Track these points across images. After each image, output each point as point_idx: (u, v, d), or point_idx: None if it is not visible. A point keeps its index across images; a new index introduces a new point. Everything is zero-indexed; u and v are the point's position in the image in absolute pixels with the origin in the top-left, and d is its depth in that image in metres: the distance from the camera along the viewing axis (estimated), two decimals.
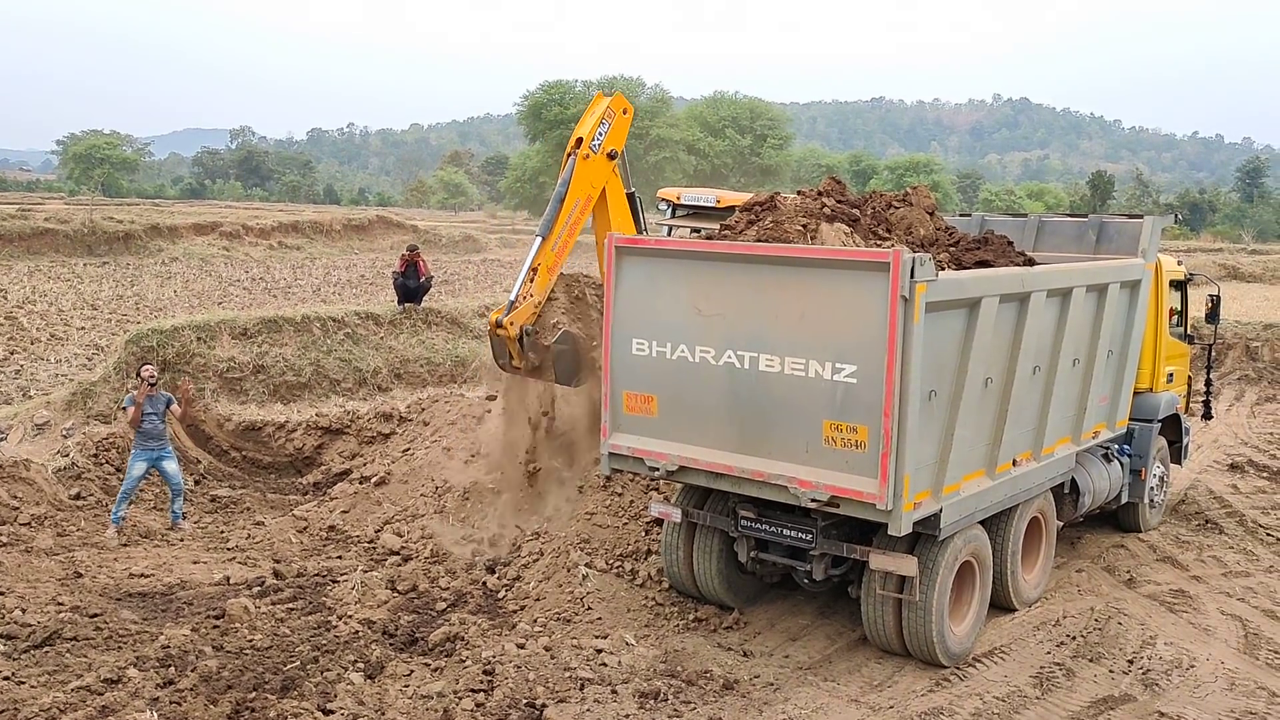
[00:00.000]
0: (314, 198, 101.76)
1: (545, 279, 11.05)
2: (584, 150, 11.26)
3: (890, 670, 8.41)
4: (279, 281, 33.05)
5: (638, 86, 79.10)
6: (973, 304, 7.92)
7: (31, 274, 32.22)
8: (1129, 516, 12.01)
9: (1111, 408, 10.73)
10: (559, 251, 11.10)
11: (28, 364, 19.37)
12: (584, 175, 11.30)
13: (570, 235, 11.16)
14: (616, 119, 11.56)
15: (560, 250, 11.10)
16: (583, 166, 11.27)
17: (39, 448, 13.18)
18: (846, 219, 8.89)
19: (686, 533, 9.33)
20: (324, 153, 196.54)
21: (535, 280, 11.00)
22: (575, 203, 11.19)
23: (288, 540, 11.45)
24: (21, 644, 8.24)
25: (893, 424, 7.27)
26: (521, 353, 10.86)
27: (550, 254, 11.05)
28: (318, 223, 49.52)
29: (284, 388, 16.01)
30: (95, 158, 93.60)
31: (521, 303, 10.88)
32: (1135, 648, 8.85)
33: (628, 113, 11.79)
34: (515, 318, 10.81)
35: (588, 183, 11.33)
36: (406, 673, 7.88)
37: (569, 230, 11.14)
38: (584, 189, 11.31)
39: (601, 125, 11.36)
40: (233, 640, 8.42)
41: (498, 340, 11.00)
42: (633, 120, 12.17)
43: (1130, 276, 10.39)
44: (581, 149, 11.28)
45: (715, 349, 8.11)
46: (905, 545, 8.12)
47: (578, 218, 11.24)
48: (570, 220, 11.15)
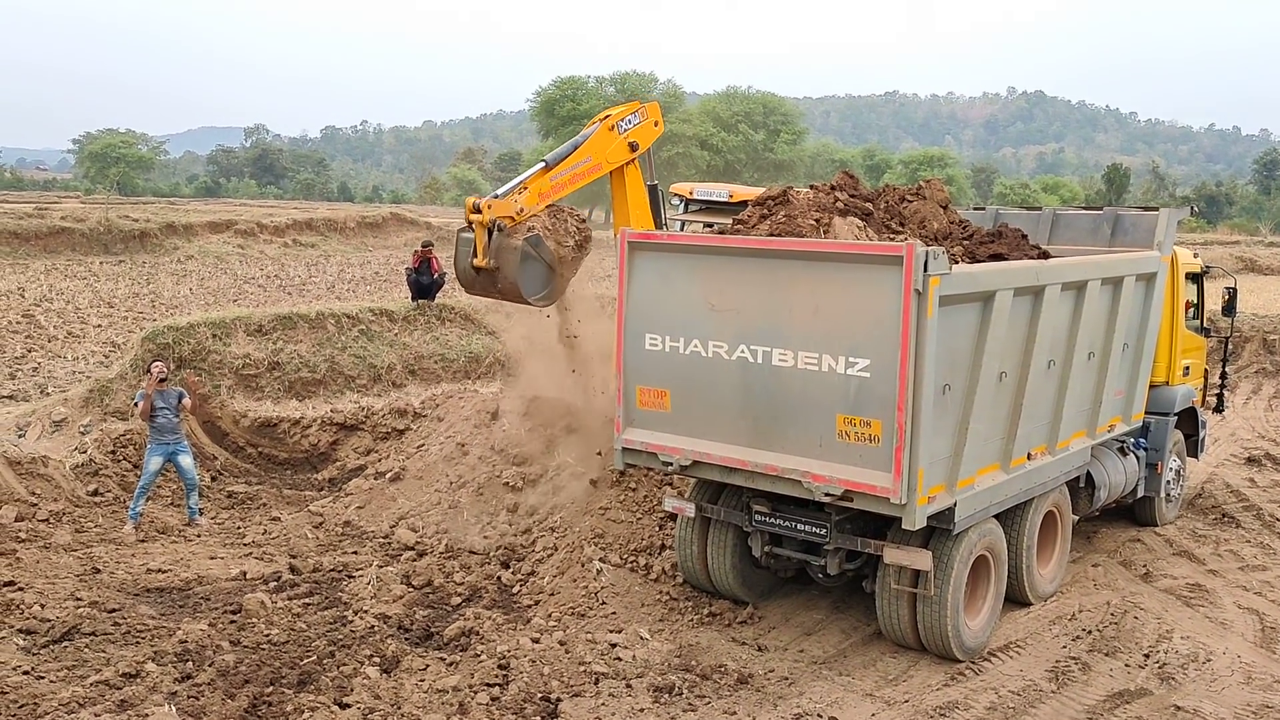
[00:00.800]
0: (328, 195, 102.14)
1: (533, 200, 10.90)
2: (609, 123, 11.38)
3: (905, 664, 8.40)
4: (293, 279, 33.17)
5: (650, 82, 79.01)
6: (987, 297, 7.90)
7: (48, 272, 32.43)
8: (1145, 510, 11.96)
9: (1127, 401, 10.69)
10: (554, 187, 11.04)
11: (45, 361, 19.50)
12: (601, 142, 11.40)
13: (569, 182, 11.16)
14: (647, 120, 11.77)
15: (556, 186, 11.05)
16: (604, 134, 11.39)
17: (57, 444, 13.27)
18: (860, 213, 8.88)
19: (700, 527, 9.34)
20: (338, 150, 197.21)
21: (524, 196, 10.84)
22: (585, 158, 11.25)
23: (303, 536, 11.50)
24: (40, 639, 8.31)
25: (906, 418, 7.26)
26: (487, 248, 10.58)
27: (546, 182, 10.99)
28: (332, 220, 49.67)
29: (299, 384, 16.06)
30: (111, 156, 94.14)
31: (505, 199, 10.77)
32: (1151, 642, 8.82)
33: (658, 125, 11.99)
34: (495, 206, 10.61)
35: (602, 150, 11.42)
36: (422, 667, 7.92)
37: (570, 177, 11.15)
38: (597, 152, 11.39)
39: (633, 116, 11.55)
40: (250, 635, 8.47)
41: (465, 239, 10.78)
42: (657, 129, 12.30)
43: (1146, 269, 10.34)
44: (607, 121, 11.43)
45: (728, 344, 8.11)
46: (920, 539, 8.11)
47: (582, 173, 11.28)
48: (574, 169, 11.18)
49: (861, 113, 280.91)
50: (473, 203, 10.64)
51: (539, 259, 10.77)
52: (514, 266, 10.58)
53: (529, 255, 10.67)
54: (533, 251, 10.69)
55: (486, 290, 11.08)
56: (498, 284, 10.80)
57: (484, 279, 10.83)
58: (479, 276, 10.84)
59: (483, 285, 11.01)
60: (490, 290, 11.03)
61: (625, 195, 11.99)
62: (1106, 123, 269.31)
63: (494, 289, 10.95)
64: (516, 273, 10.59)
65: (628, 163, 11.97)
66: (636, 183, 12.00)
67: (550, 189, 11.00)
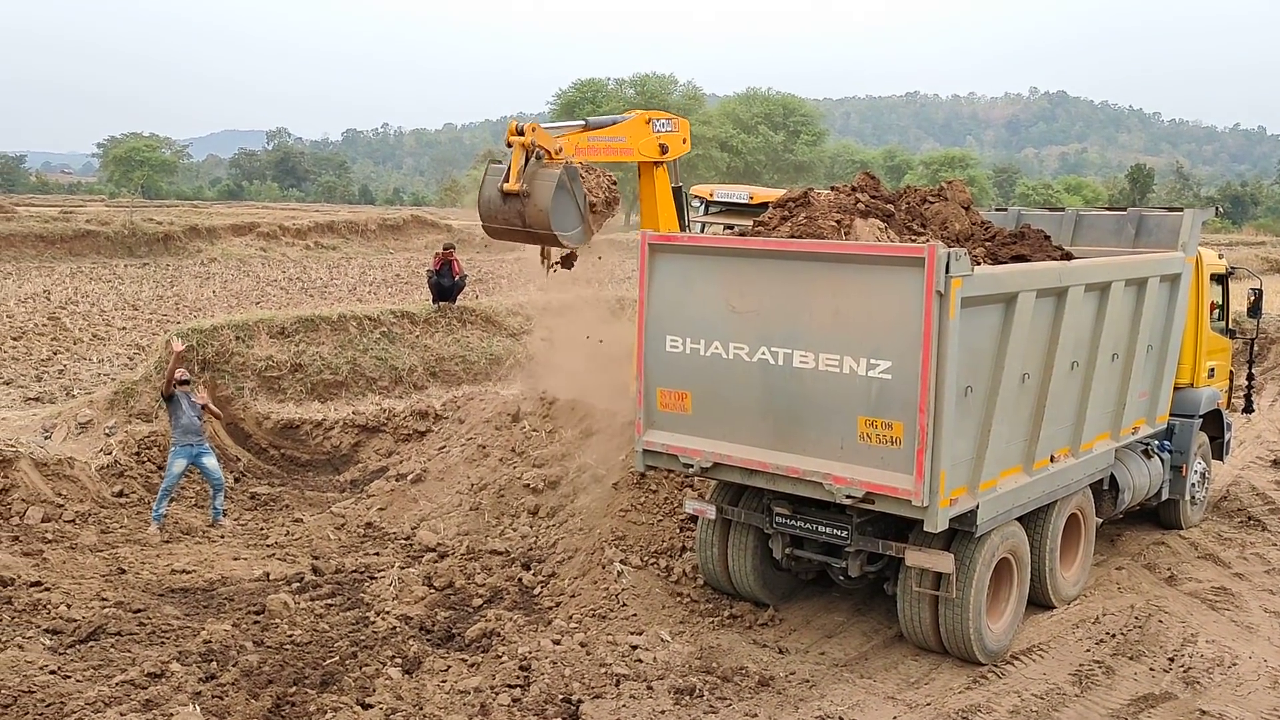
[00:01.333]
0: (349, 198, 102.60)
1: (569, 150, 10.93)
2: (645, 117, 11.57)
3: (927, 667, 8.37)
4: (315, 281, 33.36)
5: (670, 84, 79.05)
6: (1009, 299, 7.86)
7: (74, 275, 32.74)
8: (1170, 513, 11.87)
9: (1151, 403, 10.61)
10: (588, 148, 11.15)
11: (71, 364, 19.69)
12: (636, 130, 11.55)
13: (602, 150, 11.29)
14: (679, 131, 12.08)
15: (589, 148, 11.17)
16: (640, 124, 11.56)
17: (82, 446, 13.39)
18: (881, 214, 8.86)
19: (721, 529, 9.33)
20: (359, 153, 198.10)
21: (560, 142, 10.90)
22: (620, 137, 11.39)
23: (326, 537, 11.57)
24: (67, 639, 8.39)
25: (928, 420, 7.24)
26: (521, 172, 10.44)
27: (583, 139, 11.11)
28: (353, 223, 49.94)
29: (321, 386, 16.16)
30: (135, 160, 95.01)
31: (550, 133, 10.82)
32: (1176, 645, 8.75)
33: (686, 143, 12.15)
34: (539, 132, 10.57)
35: (636, 138, 11.54)
36: (444, 668, 7.95)
37: (603, 146, 11.30)
38: (631, 137, 11.51)
39: (668, 122, 11.78)
40: (273, 635, 8.53)
41: (496, 167, 10.69)
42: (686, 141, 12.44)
43: (1170, 270, 10.27)
44: (644, 115, 11.65)
45: (749, 345, 8.11)
46: (942, 542, 8.08)
47: (614, 149, 11.43)
48: (609, 141, 11.31)
49: (882, 113, 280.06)
50: (516, 125, 10.47)
51: (572, 195, 10.55)
52: (547, 194, 10.37)
53: (564, 186, 10.45)
54: (568, 183, 10.49)
55: (509, 221, 10.70)
56: (525, 214, 10.50)
57: (508, 209, 10.53)
58: (504, 205, 10.54)
59: (505, 216, 10.66)
60: (512, 222, 10.66)
61: (654, 194, 12.06)
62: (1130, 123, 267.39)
63: (518, 221, 10.62)
64: (549, 201, 10.37)
65: (656, 164, 12.05)
66: (664, 184, 12.08)
67: (585, 147, 11.09)
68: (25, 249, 37.40)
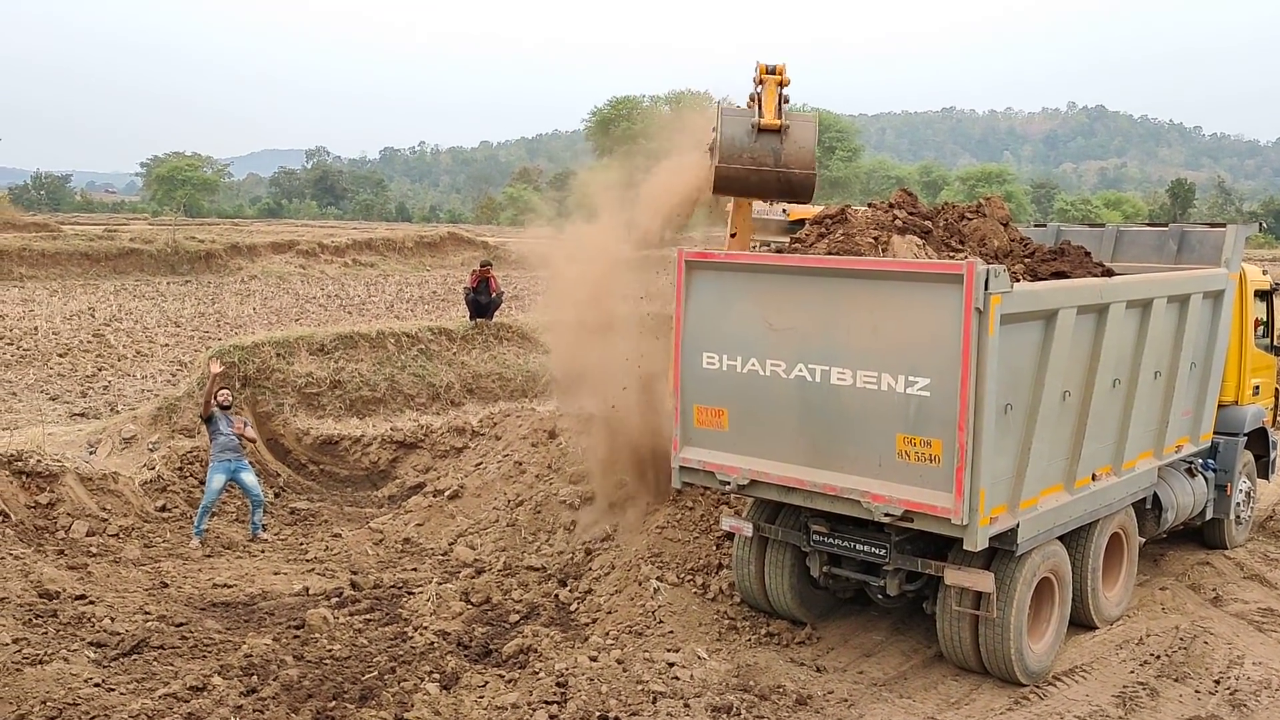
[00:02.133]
0: (386, 215, 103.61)
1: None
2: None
3: (968, 688, 8.28)
4: (354, 298, 33.70)
5: (705, 101, 79.20)
6: (1049, 316, 7.80)
7: (117, 292, 33.28)
8: (1214, 533, 11.69)
9: (1195, 421, 10.47)
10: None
11: (115, 380, 20.02)
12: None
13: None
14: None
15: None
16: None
17: (126, 461, 13.59)
18: (918, 231, 8.82)
19: (758, 547, 9.30)
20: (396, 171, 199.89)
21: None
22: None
23: (364, 552, 11.65)
24: (111, 652, 8.50)
25: (968, 437, 7.19)
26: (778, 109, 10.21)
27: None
28: (390, 240, 50.43)
29: (360, 402, 16.30)
30: (177, 179, 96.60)
31: None
32: (1222, 667, 8.60)
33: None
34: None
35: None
36: (481, 684, 7.97)
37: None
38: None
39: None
40: (313, 650, 8.60)
41: (737, 109, 10.25)
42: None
43: (1213, 286, 10.15)
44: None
45: (786, 362, 8.10)
46: (981, 561, 8.01)
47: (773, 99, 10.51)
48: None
49: (918, 129, 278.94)
50: (766, 65, 10.12)
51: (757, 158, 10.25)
52: (811, 134, 10.08)
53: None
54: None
55: (757, 160, 10.01)
56: (782, 152, 10.03)
57: (759, 146, 9.93)
58: (754, 143, 9.94)
59: (755, 155, 10.04)
60: (762, 161, 10.01)
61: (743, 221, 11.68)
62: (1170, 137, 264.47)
63: (768, 160, 10.05)
64: (813, 140, 10.12)
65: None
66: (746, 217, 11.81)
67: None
68: (70, 267, 38.08)
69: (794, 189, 10.31)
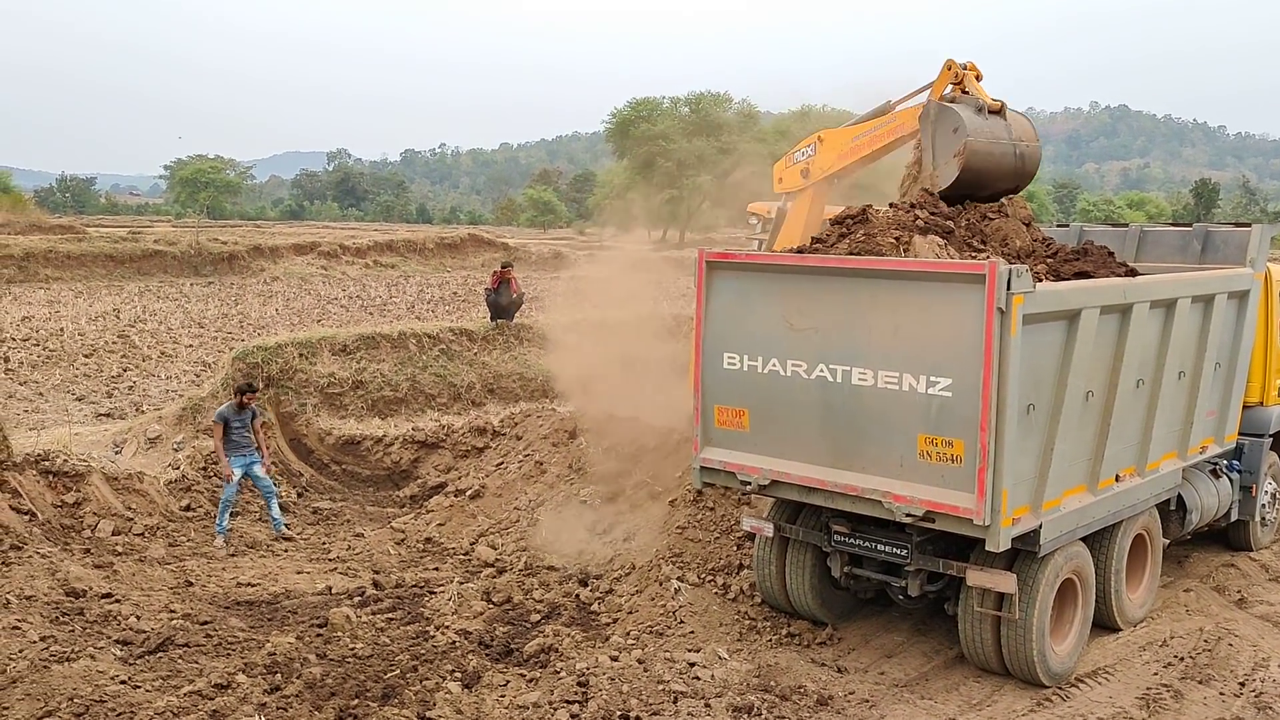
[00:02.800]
0: (407, 217, 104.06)
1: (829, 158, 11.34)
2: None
3: (989, 689, 8.25)
4: (375, 299, 33.85)
5: (725, 102, 79.10)
6: (1072, 316, 7.77)
7: (142, 294, 33.56)
8: (1239, 535, 11.60)
9: (1220, 422, 10.40)
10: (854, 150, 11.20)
11: (140, 380, 20.20)
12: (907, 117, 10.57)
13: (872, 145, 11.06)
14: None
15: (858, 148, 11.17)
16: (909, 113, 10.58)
17: (151, 460, 13.71)
18: (940, 231, 8.80)
19: (779, 547, 9.29)
20: (416, 173, 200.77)
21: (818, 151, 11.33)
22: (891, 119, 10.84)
23: (386, 552, 11.71)
24: (137, 649, 8.58)
25: (990, 438, 7.16)
26: None
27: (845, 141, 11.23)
28: (411, 241, 50.62)
29: (381, 403, 16.38)
30: (201, 182, 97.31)
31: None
32: (1247, 670, 8.54)
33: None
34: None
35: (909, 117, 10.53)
36: (503, 683, 8.00)
37: (870, 140, 11.02)
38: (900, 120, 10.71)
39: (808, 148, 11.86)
40: (335, 648, 8.65)
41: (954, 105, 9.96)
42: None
43: (1238, 286, 10.07)
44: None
45: (808, 363, 8.09)
46: (1004, 562, 7.98)
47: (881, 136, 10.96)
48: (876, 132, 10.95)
49: None
50: (958, 63, 10.11)
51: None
52: (1028, 123, 10.18)
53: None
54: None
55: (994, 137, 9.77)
56: (1011, 131, 9.94)
57: (993, 126, 9.78)
58: (986, 123, 9.78)
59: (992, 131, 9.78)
60: (999, 137, 9.81)
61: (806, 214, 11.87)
62: (1194, 137, 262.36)
63: (1004, 135, 9.89)
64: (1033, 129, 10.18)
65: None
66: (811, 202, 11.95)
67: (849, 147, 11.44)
68: (95, 269, 38.42)
69: (1025, 165, 10.10)
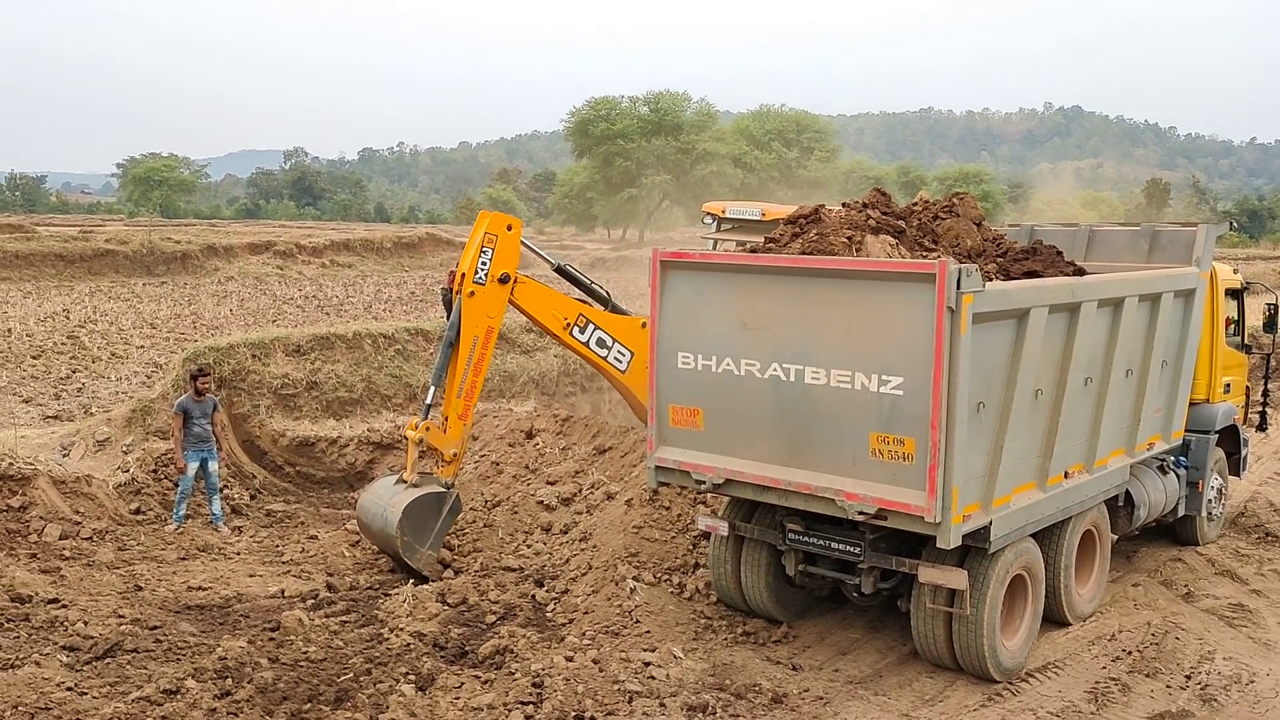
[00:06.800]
0: (365, 216, 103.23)
1: (459, 427, 10.70)
2: (468, 287, 10.50)
3: (942, 685, 8.33)
4: (331, 299, 33.56)
5: (684, 101, 79.20)
6: (1021, 314, 7.86)
7: (93, 294, 33.03)
8: (1186, 530, 11.80)
9: (1166, 419, 10.57)
10: (467, 395, 10.66)
11: (89, 382, 19.88)
12: (474, 311, 10.56)
13: (476, 374, 10.65)
14: (500, 240, 10.62)
15: (468, 394, 10.67)
16: (469, 304, 10.52)
17: (100, 463, 13.49)
18: (892, 231, 8.88)
19: (734, 546, 9.33)
20: (375, 172, 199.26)
21: (448, 431, 10.67)
22: (473, 341, 10.59)
23: (340, 554, 11.59)
24: (84, 655, 8.43)
25: (940, 436, 7.24)
26: (414, 465, 10.63)
27: (459, 401, 10.63)
28: (369, 241, 50.25)
29: (336, 404, 16.23)
30: (154, 180, 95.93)
31: (440, 424, 10.71)
32: (1193, 663, 8.69)
33: (512, 229, 10.72)
34: (430, 436, 10.58)
35: (483, 316, 10.62)
36: (457, 685, 7.96)
37: (473, 370, 10.62)
38: (479, 325, 10.61)
39: (483, 254, 10.54)
40: (288, 652, 8.55)
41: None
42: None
43: (1184, 285, 10.24)
44: (465, 286, 10.53)
45: (761, 362, 8.13)
46: (955, 558, 8.06)
47: (480, 354, 10.66)
48: (472, 361, 10.59)
49: (896, 129, 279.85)
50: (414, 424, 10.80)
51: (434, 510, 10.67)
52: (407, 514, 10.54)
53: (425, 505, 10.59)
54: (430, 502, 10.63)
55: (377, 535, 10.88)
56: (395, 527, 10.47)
57: None
58: None
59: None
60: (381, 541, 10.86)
61: (534, 307, 11.07)
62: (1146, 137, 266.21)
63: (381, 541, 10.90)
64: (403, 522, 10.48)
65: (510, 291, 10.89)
66: (532, 292, 11.01)
67: (464, 403, 10.68)
68: (45, 268, 37.78)
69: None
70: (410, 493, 10.46)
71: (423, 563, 10.50)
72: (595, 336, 11.17)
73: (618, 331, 11.24)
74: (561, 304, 11.21)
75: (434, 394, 10.76)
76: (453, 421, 10.71)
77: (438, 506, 10.56)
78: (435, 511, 10.54)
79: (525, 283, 10.97)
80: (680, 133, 75.52)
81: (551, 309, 11.13)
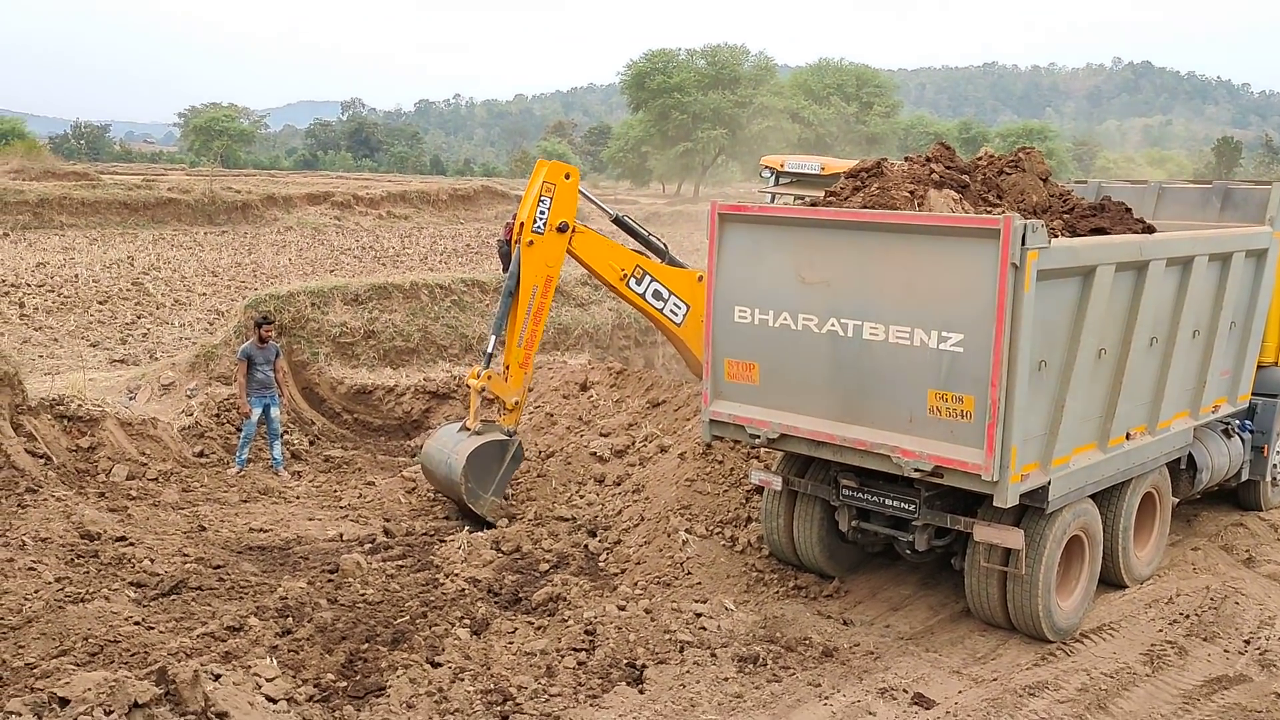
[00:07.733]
0: (421, 168, 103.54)
1: (519, 376, 10.76)
2: (527, 236, 10.57)
3: (994, 643, 8.30)
4: (388, 250, 33.78)
5: (742, 54, 78.30)
6: (1087, 272, 7.71)
7: (156, 242, 33.56)
8: (1249, 494, 11.58)
9: (1233, 382, 10.34)
10: (527, 344, 10.75)
11: (154, 327, 20.29)
12: (533, 260, 10.63)
13: (536, 323, 10.70)
14: (559, 189, 10.63)
15: (528, 343, 10.74)
16: (529, 253, 10.60)
17: (165, 407, 13.80)
18: (955, 185, 8.71)
19: (787, 501, 9.32)
20: (431, 124, 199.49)
21: (509, 379, 10.74)
22: (532, 290, 10.64)
23: (397, 500, 11.79)
24: (150, 592, 8.69)
25: (1000, 394, 7.15)
26: (476, 413, 10.74)
27: (520, 350, 10.69)
28: (425, 193, 50.36)
29: (393, 353, 16.42)
30: (214, 130, 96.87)
31: (501, 373, 10.78)
32: (1252, 628, 8.56)
33: (570, 178, 10.74)
34: (493, 384, 10.68)
35: (541, 265, 10.68)
36: (510, 630, 8.09)
37: (533, 319, 10.67)
38: (538, 274, 10.67)
39: (541, 203, 10.57)
40: (346, 594, 8.75)
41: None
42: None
43: (1256, 245, 9.97)
44: (525, 235, 10.59)
45: (819, 317, 8.06)
46: (1011, 517, 8.00)
47: (540, 303, 10.70)
48: (532, 310, 10.62)
49: (958, 84, 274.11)
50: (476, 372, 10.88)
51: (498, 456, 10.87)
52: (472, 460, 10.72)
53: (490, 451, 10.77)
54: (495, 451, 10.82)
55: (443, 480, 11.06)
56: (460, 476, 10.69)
57: None
58: None
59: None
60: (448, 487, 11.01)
61: (591, 257, 11.09)
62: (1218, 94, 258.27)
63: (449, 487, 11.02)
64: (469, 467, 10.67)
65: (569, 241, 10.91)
66: (590, 242, 11.02)
67: (525, 352, 10.76)
68: (110, 216, 38.37)
69: None
70: (474, 440, 10.59)
71: (487, 508, 10.64)
72: (652, 288, 11.16)
73: (674, 284, 11.21)
74: (619, 255, 11.20)
75: (494, 343, 10.86)
76: (514, 370, 10.79)
77: (501, 453, 10.69)
78: (498, 458, 10.67)
79: (583, 232, 10.96)
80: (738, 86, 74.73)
81: (609, 259, 11.12)
